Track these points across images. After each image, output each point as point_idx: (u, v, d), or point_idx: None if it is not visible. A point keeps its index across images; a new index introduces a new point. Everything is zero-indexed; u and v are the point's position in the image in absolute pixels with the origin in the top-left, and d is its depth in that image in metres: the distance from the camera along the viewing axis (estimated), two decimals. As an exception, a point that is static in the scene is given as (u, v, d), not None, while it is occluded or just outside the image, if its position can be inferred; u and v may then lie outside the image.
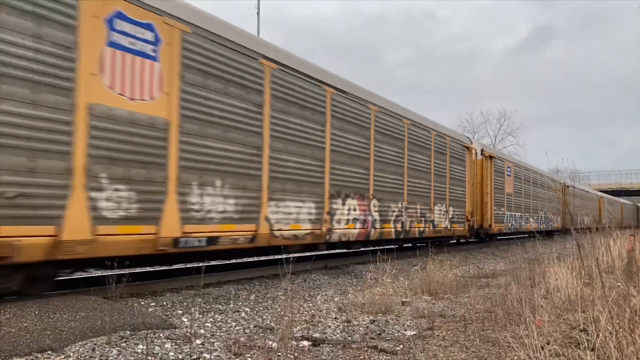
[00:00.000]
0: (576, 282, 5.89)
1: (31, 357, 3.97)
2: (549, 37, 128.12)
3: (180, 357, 4.21)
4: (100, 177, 5.57)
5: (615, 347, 3.38)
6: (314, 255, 9.87)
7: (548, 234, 25.14)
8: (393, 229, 11.72)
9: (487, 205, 17.65)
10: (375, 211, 10.97)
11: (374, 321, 5.92)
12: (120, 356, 4.13)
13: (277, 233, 8.13)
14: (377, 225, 11.04)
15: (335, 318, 6.03)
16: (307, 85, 8.87)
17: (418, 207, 12.97)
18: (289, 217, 8.39)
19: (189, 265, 9.40)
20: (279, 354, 4.19)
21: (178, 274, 8.25)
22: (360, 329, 5.54)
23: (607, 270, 7.20)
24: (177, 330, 5.09)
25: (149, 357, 4.12)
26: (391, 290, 7.83)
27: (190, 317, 5.52)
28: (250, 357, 4.28)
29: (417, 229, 12.87)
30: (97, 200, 5.55)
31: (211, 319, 5.63)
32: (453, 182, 15.26)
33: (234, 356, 4.30)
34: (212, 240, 6.94)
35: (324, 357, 4.42)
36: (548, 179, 26.14)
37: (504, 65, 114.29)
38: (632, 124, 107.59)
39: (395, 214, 11.83)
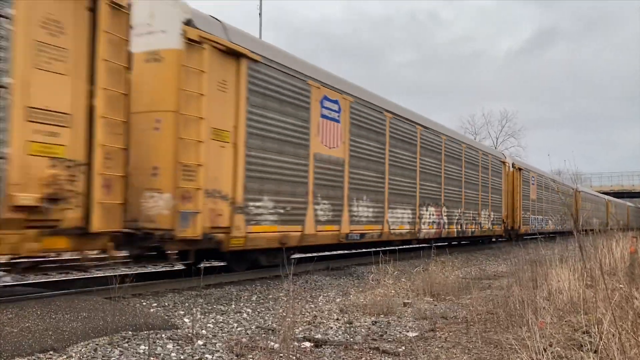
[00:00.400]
0: (578, 284, 5.88)
1: (33, 357, 3.97)
2: (551, 39, 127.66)
3: (182, 357, 4.21)
4: (317, 196, 9.21)
5: (618, 349, 3.37)
6: (316, 256, 10.15)
7: (563, 234, 25.72)
8: (455, 229, 15.64)
9: (517, 210, 21.08)
10: (445, 216, 14.87)
11: (375, 322, 5.91)
12: (123, 356, 4.13)
13: (392, 231, 11.91)
14: (446, 227, 14.93)
15: (337, 319, 6.02)
16: (408, 126, 12.85)
17: (471, 212, 16.83)
18: (398, 220, 12.20)
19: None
20: (281, 355, 4.19)
21: (180, 274, 8.25)
22: (362, 330, 5.53)
23: (609, 272, 7.18)
24: (179, 330, 5.09)
25: (151, 358, 4.12)
26: (393, 291, 7.82)
27: (192, 318, 5.52)
28: (252, 358, 4.27)
29: (470, 229, 16.80)
30: (317, 210, 9.22)
31: (213, 320, 5.63)
32: (493, 191, 19.02)
33: (236, 357, 4.29)
34: (362, 235, 10.73)
35: (326, 358, 4.41)
36: (563, 185, 29.27)
37: (507, 67, 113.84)
38: (634, 126, 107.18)
39: (456, 217, 15.68)
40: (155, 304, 6.03)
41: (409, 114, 13.05)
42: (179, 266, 9.32)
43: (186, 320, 5.51)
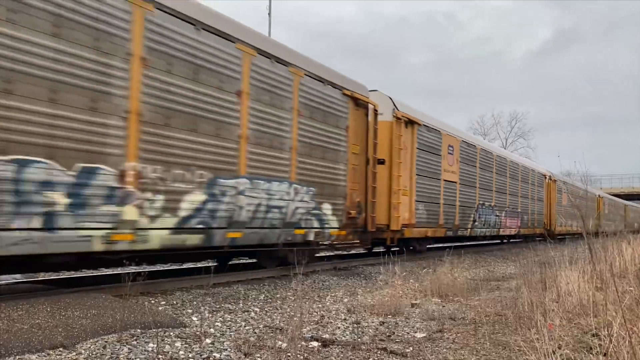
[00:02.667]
0: (588, 286, 5.84)
1: (43, 353, 4.00)
2: (570, 41, 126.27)
3: (190, 356, 4.23)
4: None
5: (628, 352, 3.34)
6: (325, 256, 10.13)
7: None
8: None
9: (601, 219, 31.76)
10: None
11: (383, 323, 5.90)
12: (131, 354, 4.15)
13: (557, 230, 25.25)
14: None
15: (345, 319, 6.01)
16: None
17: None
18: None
19: (198, 265, 9.44)
20: (289, 354, 4.19)
21: (188, 273, 8.29)
22: (370, 330, 5.52)
23: (619, 274, 7.13)
24: (187, 329, 5.11)
25: (160, 356, 4.14)
26: (401, 292, 7.80)
27: (200, 317, 5.54)
28: (260, 357, 4.28)
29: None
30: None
31: (221, 319, 5.65)
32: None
33: (243, 356, 4.30)
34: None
35: (334, 358, 4.41)
36: (621, 204, 42.66)
37: (524, 69, 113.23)
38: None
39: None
40: (163, 302, 6.05)
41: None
42: (188, 265, 9.41)
43: (194, 318, 5.53)
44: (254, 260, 9.19)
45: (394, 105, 11.75)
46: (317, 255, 10.14)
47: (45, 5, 5.10)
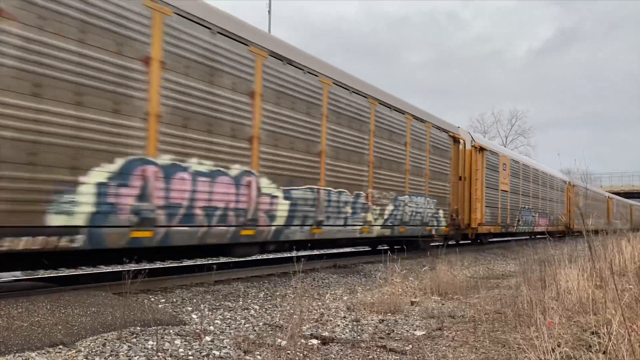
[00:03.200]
0: (587, 284, 5.84)
1: (43, 351, 4.01)
2: (571, 40, 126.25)
3: (190, 353, 4.23)
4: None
5: (627, 350, 3.35)
6: (325, 254, 10.23)
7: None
8: None
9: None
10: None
11: (382, 321, 5.91)
12: (131, 352, 4.16)
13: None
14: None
15: (344, 317, 6.02)
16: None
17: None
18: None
19: (198, 262, 9.44)
20: (288, 352, 4.20)
21: (188, 270, 8.30)
22: (369, 328, 5.53)
23: (619, 272, 7.13)
24: (186, 326, 5.12)
25: (159, 354, 4.14)
26: (400, 290, 7.81)
27: (199, 314, 5.55)
28: (260, 355, 4.28)
29: None
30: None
31: (220, 316, 5.65)
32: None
33: (243, 353, 4.31)
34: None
35: (333, 356, 4.42)
36: (627, 204, 46.43)
37: (525, 68, 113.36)
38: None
39: None
40: (163, 300, 6.06)
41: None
42: (186, 262, 9.44)
43: (194, 316, 5.54)
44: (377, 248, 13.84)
45: (472, 137, 16.27)
46: (431, 244, 14.16)
47: None
